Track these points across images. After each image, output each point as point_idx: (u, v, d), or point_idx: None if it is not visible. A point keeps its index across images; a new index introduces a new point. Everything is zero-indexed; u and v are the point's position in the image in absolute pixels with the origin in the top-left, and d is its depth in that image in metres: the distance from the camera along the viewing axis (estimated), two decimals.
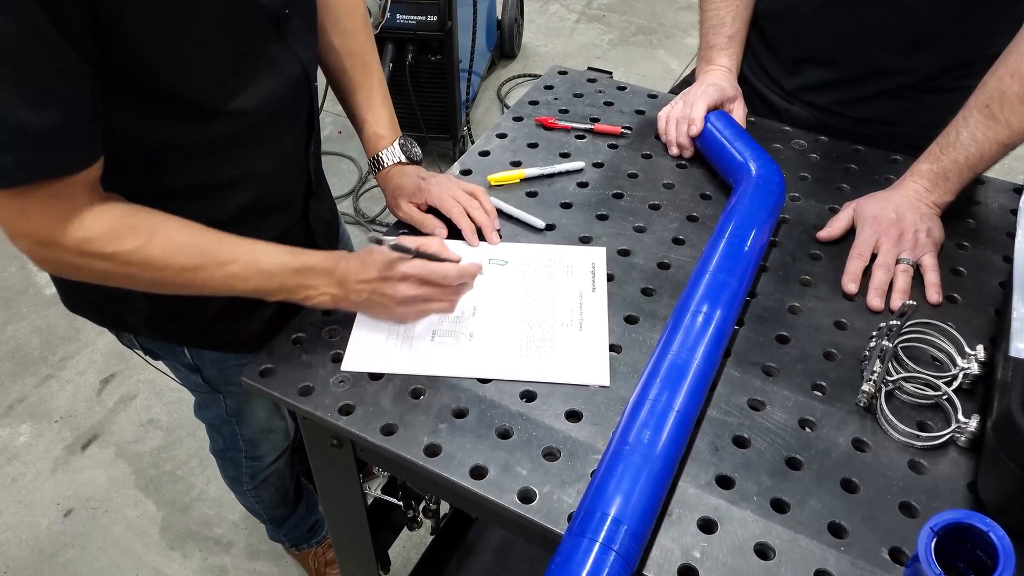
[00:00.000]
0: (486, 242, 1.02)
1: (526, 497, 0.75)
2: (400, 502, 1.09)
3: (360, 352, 0.88)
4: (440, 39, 2.42)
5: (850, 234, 1.02)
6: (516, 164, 1.16)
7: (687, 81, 1.34)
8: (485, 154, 1.19)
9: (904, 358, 0.84)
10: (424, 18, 2.37)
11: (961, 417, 0.79)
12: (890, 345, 0.82)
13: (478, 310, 0.94)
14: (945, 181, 1.00)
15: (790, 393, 0.84)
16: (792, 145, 1.21)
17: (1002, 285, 0.98)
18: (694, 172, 1.17)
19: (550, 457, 0.78)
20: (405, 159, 1.07)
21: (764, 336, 0.91)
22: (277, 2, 0.84)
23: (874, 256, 0.98)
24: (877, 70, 1.15)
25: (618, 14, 3.83)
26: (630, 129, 1.24)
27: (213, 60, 0.79)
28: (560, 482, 0.76)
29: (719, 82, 1.20)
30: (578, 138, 1.23)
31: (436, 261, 0.86)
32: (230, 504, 1.80)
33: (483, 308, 0.94)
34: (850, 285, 0.96)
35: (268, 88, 0.86)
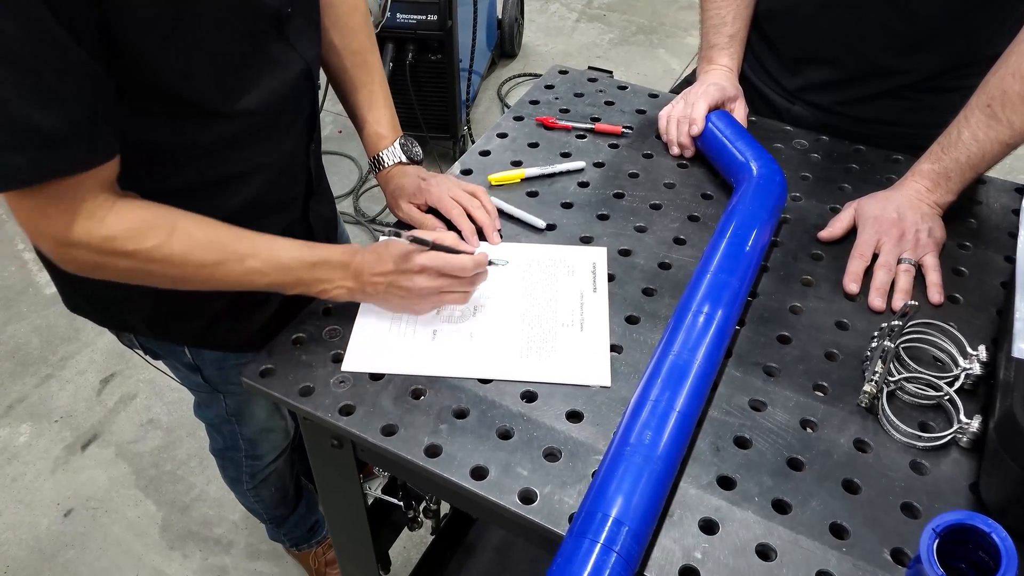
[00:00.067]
0: (487, 242, 1.02)
1: (527, 498, 0.74)
2: (400, 502, 1.09)
3: (360, 352, 0.88)
4: (440, 38, 2.42)
5: (851, 234, 1.02)
6: (517, 164, 1.16)
7: (688, 81, 1.34)
8: (486, 154, 1.19)
9: (906, 358, 0.84)
10: (424, 17, 2.37)
11: (963, 418, 0.78)
12: (892, 345, 0.82)
13: (479, 310, 0.93)
14: (947, 181, 1.00)
15: (791, 393, 0.84)
16: (793, 145, 1.21)
17: (1004, 285, 0.97)
18: (695, 172, 1.17)
19: (551, 458, 0.78)
20: (406, 159, 1.07)
21: (765, 336, 0.90)
22: (279, 1, 0.83)
23: (875, 256, 0.98)
24: (877, 70, 1.15)
25: (618, 13, 3.83)
26: (631, 129, 1.24)
27: (214, 61, 0.79)
28: (561, 483, 0.75)
29: (720, 81, 1.19)
30: (579, 138, 1.23)
31: (452, 253, 0.87)
32: (230, 504, 1.80)
33: (484, 308, 0.94)
34: (851, 285, 0.96)
35: (270, 88, 0.86)
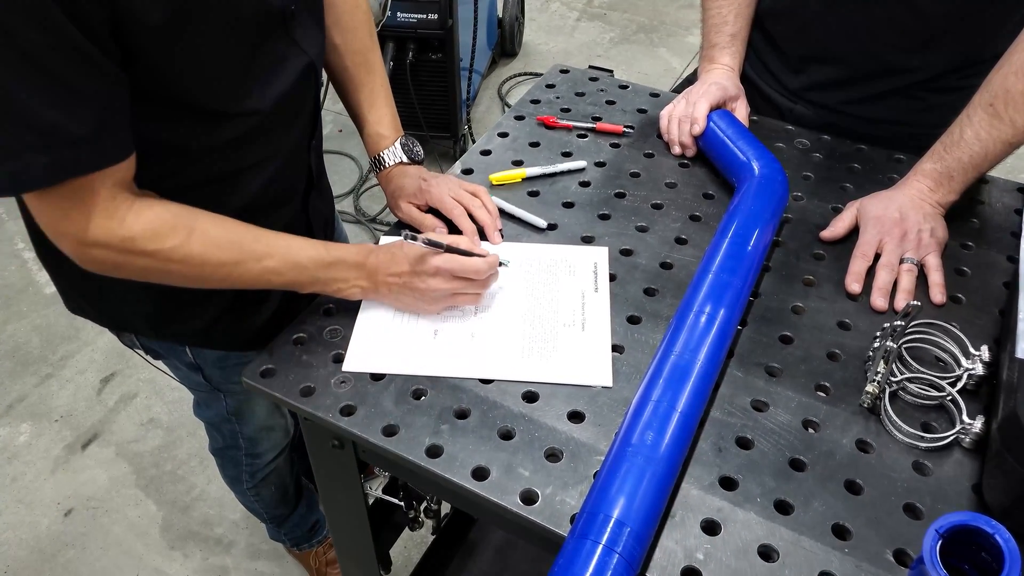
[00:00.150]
0: (488, 242, 1.01)
1: (528, 498, 0.74)
2: (401, 502, 1.09)
3: (361, 352, 0.88)
4: (441, 37, 2.42)
5: (853, 234, 1.02)
6: (518, 163, 1.16)
7: (689, 80, 1.34)
8: (487, 153, 1.18)
9: (908, 359, 0.84)
10: (425, 16, 2.37)
11: (965, 418, 0.78)
12: (894, 346, 0.82)
13: (480, 310, 0.93)
14: (949, 181, 0.99)
15: (793, 394, 0.84)
16: (795, 144, 1.21)
17: (1006, 285, 0.97)
18: (697, 171, 1.16)
19: (552, 458, 0.78)
20: (407, 159, 1.07)
21: (767, 336, 0.90)
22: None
23: (878, 256, 0.98)
24: (886, 68, 1.15)
25: (619, 12, 3.83)
26: (632, 128, 1.24)
27: (221, 64, 0.79)
28: (562, 483, 0.75)
29: (721, 81, 1.19)
30: (580, 137, 1.22)
31: (466, 256, 0.88)
32: (231, 504, 1.80)
33: (485, 308, 0.93)
34: (854, 285, 0.95)
35: (276, 86, 0.86)
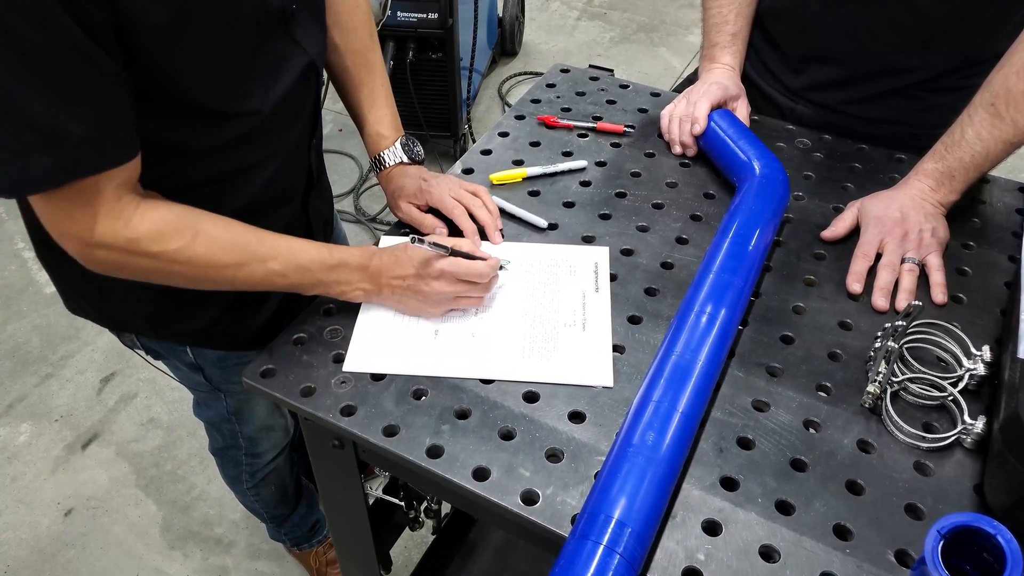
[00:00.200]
0: (489, 241, 1.01)
1: (529, 499, 0.74)
2: (402, 502, 1.08)
3: (362, 352, 0.88)
4: (441, 36, 2.42)
5: (854, 234, 1.02)
6: (518, 163, 1.16)
7: (690, 79, 1.34)
8: (487, 153, 1.18)
9: (909, 359, 0.84)
10: (425, 15, 2.37)
11: (967, 418, 0.78)
12: (895, 346, 0.81)
13: (480, 310, 0.93)
14: (950, 180, 0.99)
15: (794, 394, 0.84)
16: (796, 144, 1.21)
17: (1008, 285, 0.97)
18: (697, 171, 1.16)
19: (553, 459, 0.78)
20: (407, 159, 1.06)
21: (768, 337, 0.90)
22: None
23: (879, 256, 0.98)
24: (886, 68, 1.15)
25: (619, 11, 3.83)
26: (633, 128, 1.23)
27: (222, 64, 0.79)
28: (563, 484, 0.75)
29: (722, 80, 1.19)
30: (580, 136, 1.22)
31: (469, 259, 0.88)
32: (231, 504, 1.80)
33: (485, 308, 0.93)
34: (855, 285, 0.95)
35: (277, 86, 0.86)
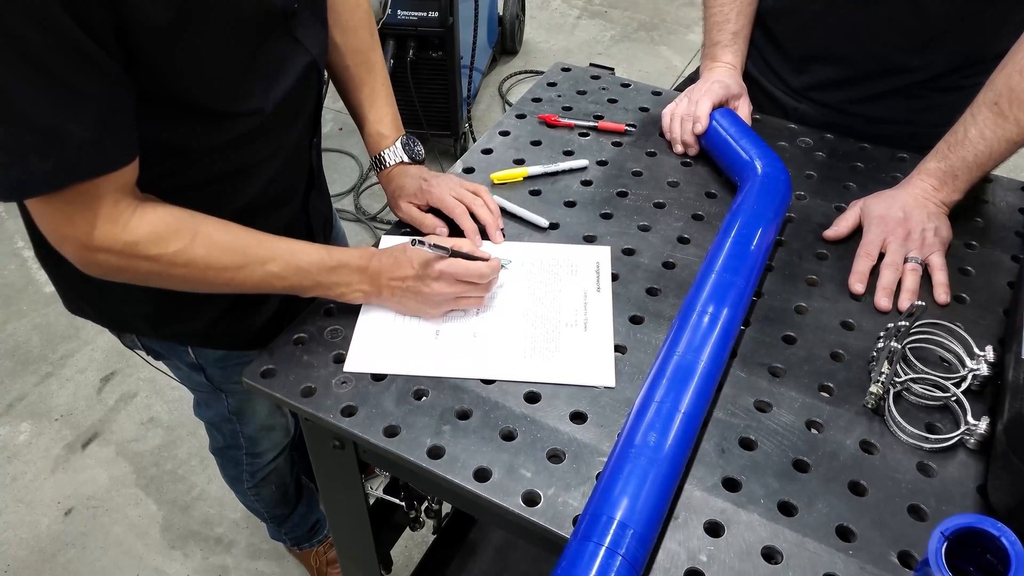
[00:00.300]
0: (490, 241, 1.01)
1: (531, 500, 0.74)
2: (402, 502, 1.08)
3: (363, 353, 0.87)
4: (441, 35, 2.41)
5: (857, 233, 1.01)
6: (519, 162, 1.15)
7: (691, 78, 1.33)
8: (488, 152, 1.18)
9: (912, 359, 0.83)
10: (425, 14, 2.36)
11: (970, 419, 0.78)
12: (898, 346, 0.81)
13: (481, 310, 0.93)
14: (953, 180, 0.99)
15: (797, 394, 0.83)
16: (798, 143, 1.20)
17: (1011, 285, 0.97)
18: (699, 170, 1.16)
19: (555, 459, 0.77)
20: (407, 158, 1.06)
21: (770, 337, 0.90)
22: None
23: (881, 256, 0.97)
24: (888, 68, 1.14)
25: (620, 10, 3.82)
26: (634, 127, 1.23)
27: (223, 64, 0.79)
28: (565, 485, 0.75)
29: (724, 79, 1.18)
30: (582, 136, 1.22)
31: (470, 259, 0.88)
32: (231, 503, 1.80)
33: (487, 308, 0.93)
34: (857, 285, 0.95)
35: (278, 85, 0.86)
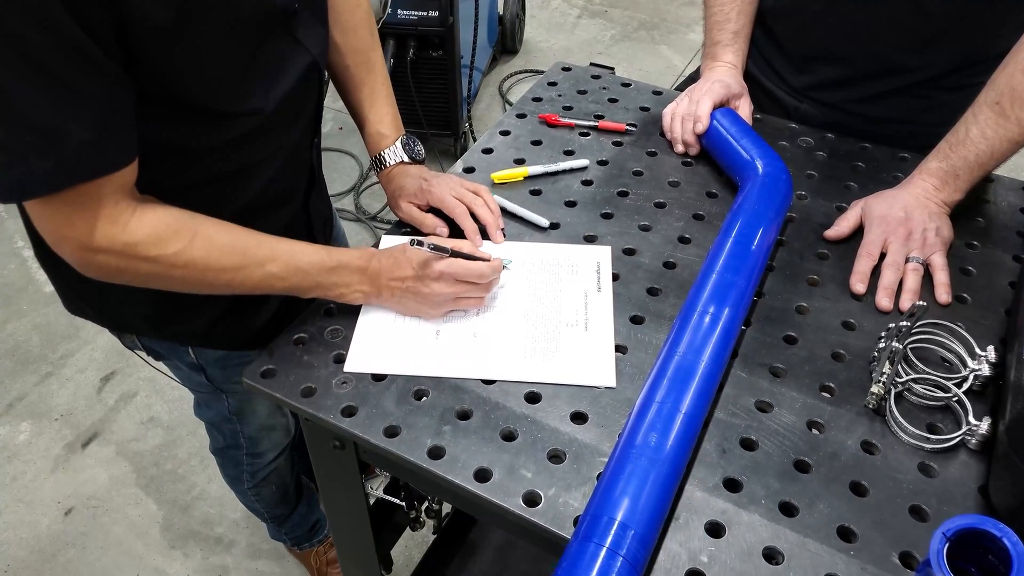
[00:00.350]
0: (490, 241, 1.01)
1: (531, 500, 0.74)
2: (402, 502, 1.08)
3: (363, 353, 0.87)
4: (441, 35, 2.41)
5: (858, 233, 1.01)
6: (520, 162, 1.15)
7: (692, 78, 1.33)
8: (488, 151, 1.18)
9: (913, 359, 0.83)
10: (425, 13, 2.36)
11: (972, 419, 0.78)
12: (899, 346, 0.81)
13: (482, 310, 0.93)
14: (955, 179, 0.99)
15: (798, 395, 0.83)
16: (799, 143, 1.20)
17: (1012, 285, 0.96)
18: (700, 170, 1.16)
19: (555, 459, 0.77)
20: (407, 158, 1.06)
21: (771, 337, 0.90)
22: None
23: (883, 256, 0.97)
24: (889, 68, 1.14)
25: (620, 9, 3.82)
26: (635, 126, 1.23)
27: (223, 64, 0.78)
28: (566, 485, 0.75)
29: (725, 79, 1.18)
30: (582, 135, 1.22)
31: (470, 260, 0.88)
32: (231, 503, 1.80)
33: (487, 308, 0.93)
34: (858, 285, 0.95)
35: (279, 85, 0.86)
